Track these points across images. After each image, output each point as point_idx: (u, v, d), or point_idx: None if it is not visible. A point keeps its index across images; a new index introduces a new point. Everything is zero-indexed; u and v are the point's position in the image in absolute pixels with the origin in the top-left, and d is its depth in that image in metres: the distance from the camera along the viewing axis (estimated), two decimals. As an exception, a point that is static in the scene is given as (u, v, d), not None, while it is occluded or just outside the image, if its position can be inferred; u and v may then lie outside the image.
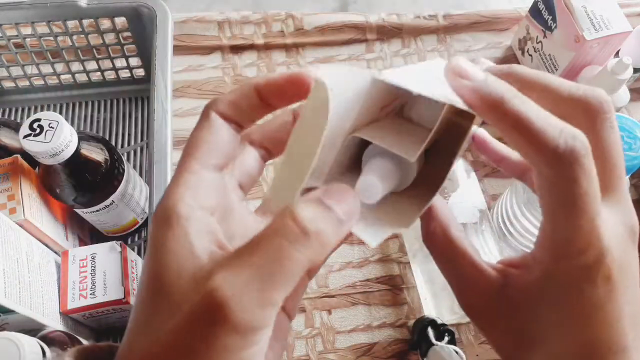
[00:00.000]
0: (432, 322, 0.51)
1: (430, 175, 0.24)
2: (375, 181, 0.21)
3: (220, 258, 0.19)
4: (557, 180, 0.19)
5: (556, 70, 0.65)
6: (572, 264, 0.20)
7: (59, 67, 0.65)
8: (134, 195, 0.54)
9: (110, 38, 0.62)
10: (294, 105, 0.25)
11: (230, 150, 0.23)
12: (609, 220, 0.20)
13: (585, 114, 0.21)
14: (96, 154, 0.48)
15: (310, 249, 0.18)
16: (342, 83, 0.19)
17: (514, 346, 0.22)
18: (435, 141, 0.24)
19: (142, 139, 0.65)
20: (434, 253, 0.24)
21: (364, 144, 0.24)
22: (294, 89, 0.22)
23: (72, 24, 0.59)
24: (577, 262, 0.20)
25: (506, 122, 0.20)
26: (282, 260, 0.18)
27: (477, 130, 0.27)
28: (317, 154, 0.19)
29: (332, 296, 0.57)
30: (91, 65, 0.64)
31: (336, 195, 0.19)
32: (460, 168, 0.58)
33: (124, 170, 0.51)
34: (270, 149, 0.25)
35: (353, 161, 0.24)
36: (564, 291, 0.20)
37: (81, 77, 0.66)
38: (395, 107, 0.25)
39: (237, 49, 0.72)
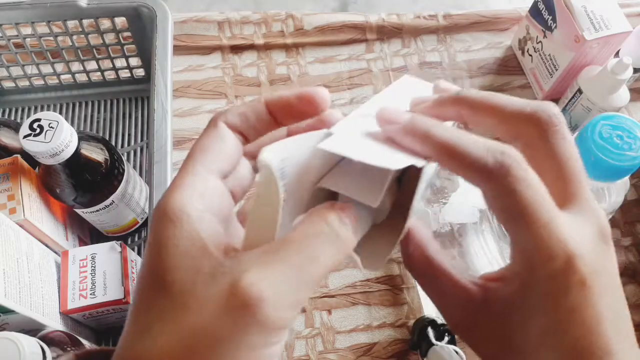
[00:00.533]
0: (432, 322, 0.51)
1: (407, 198, 0.23)
2: None
3: (243, 256, 0.19)
4: (497, 195, 0.20)
5: (556, 70, 0.65)
6: (543, 272, 0.20)
7: (59, 67, 0.65)
8: (134, 195, 0.54)
9: (110, 38, 0.62)
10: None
11: (235, 159, 0.23)
12: (573, 225, 0.20)
13: (536, 129, 0.22)
14: (96, 154, 0.48)
15: (339, 253, 0.20)
16: (297, 147, 0.20)
17: (501, 357, 0.22)
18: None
19: (142, 139, 0.65)
20: (415, 274, 0.24)
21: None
22: (303, 107, 0.23)
23: (72, 24, 0.59)
24: (546, 270, 0.20)
25: (438, 152, 0.21)
26: (318, 261, 0.19)
27: None
28: (277, 229, 0.20)
29: (332, 296, 0.57)
30: (91, 65, 0.64)
31: (344, 210, 0.21)
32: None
33: (124, 170, 0.51)
34: None
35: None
36: (541, 300, 0.20)
37: (81, 77, 0.66)
38: None
39: (237, 49, 0.72)
